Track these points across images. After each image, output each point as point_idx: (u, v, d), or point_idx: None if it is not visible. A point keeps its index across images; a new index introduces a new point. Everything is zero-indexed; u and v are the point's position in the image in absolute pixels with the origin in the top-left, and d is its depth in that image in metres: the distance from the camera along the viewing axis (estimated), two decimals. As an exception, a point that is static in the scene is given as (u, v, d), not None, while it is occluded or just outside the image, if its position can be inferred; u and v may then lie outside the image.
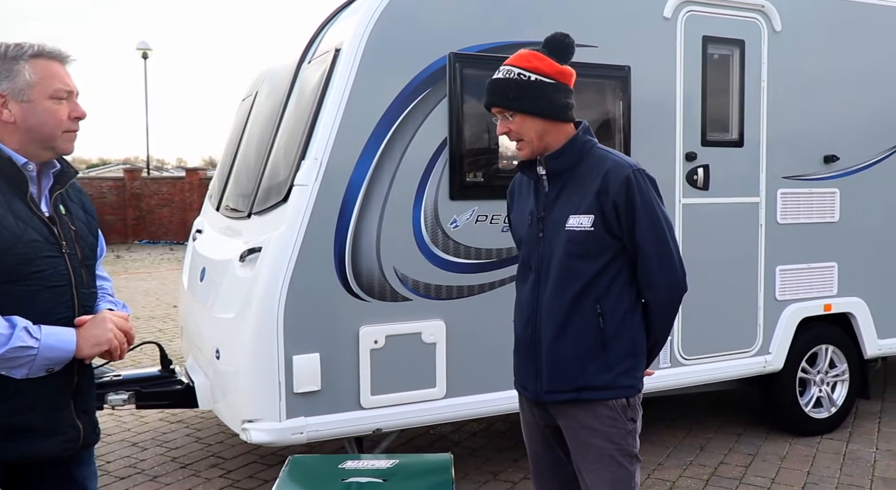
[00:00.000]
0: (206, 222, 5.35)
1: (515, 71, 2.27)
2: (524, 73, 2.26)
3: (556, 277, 2.27)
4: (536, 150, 2.30)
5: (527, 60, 2.28)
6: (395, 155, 3.66)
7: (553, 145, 2.30)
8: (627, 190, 2.21)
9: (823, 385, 4.94)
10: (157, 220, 21.67)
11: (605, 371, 2.24)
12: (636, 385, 2.28)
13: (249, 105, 5.13)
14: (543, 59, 2.28)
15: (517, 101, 2.25)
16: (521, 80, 2.25)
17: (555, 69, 2.28)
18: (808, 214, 4.78)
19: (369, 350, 3.66)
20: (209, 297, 4.25)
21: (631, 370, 2.26)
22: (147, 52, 24.40)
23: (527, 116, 2.26)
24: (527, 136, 2.28)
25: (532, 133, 2.28)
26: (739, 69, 4.53)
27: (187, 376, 4.38)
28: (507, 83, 2.26)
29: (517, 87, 2.25)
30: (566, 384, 2.26)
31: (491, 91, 2.31)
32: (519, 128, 2.28)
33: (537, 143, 2.29)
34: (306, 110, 3.79)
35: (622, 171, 2.23)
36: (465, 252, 3.84)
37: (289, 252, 3.53)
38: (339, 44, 3.74)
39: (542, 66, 2.27)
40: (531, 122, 2.27)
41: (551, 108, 2.26)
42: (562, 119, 2.29)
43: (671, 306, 2.30)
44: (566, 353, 2.26)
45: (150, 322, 9.45)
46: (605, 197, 2.22)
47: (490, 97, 2.31)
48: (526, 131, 2.28)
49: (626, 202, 2.21)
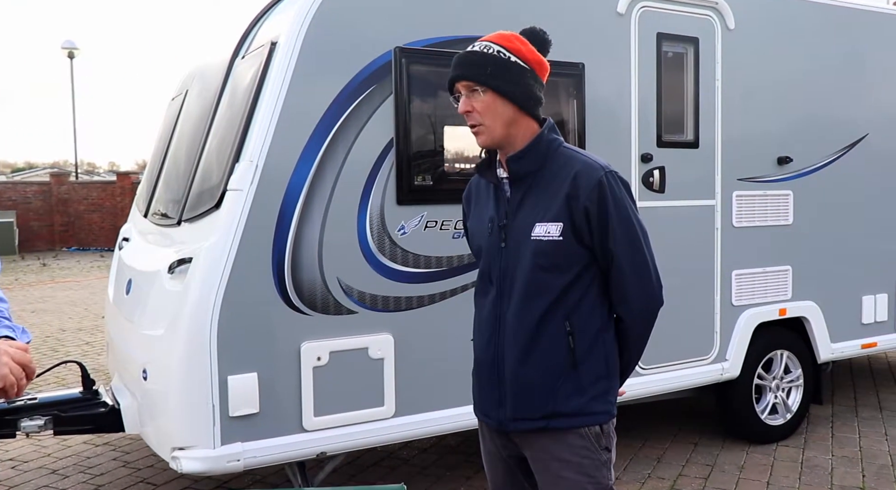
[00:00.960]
0: (133, 230, 4.99)
1: (495, 47, 2.03)
2: (504, 52, 2.03)
3: (521, 292, 2.04)
4: (497, 138, 2.06)
5: (508, 40, 2.06)
6: (337, 157, 3.40)
7: (515, 140, 2.07)
8: (600, 194, 2.00)
9: (779, 391, 4.85)
10: (87, 226, 20.82)
11: (576, 395, 2.02)
12: (610, 410, 2.06)
13: (179, 104, 4.80)
14: (526, 44, 2.07)
15: (493, 79, 2.01)
16: (500, 58, 2.02)
17: (536, 57, 2.07)
18: (762, 217, 4.68)
19: (312, 368, 3.38)
20: (136, 311, 3.91)
21: (604, 394, 2.05)
22: (73, 52, 23.45)
23: (498, 98, 2.02)
24: (490, 120, 2.04)
25: (498, 118, 2.04)
26: (694, 68, 4.40)
27: (113, 397, 4.03)
28: (485, 57, 2.02)
29: (496, 64, 2.01)
30: (533, 411, 2.03)
31: (463, 63, 2.04)
32: (485, 109, 2.03)
33: (500, 130, 2.05)
34: (240, 109, 3.50)
35: (593, 174, 2.01)
36: (413, 260, 3.60)
37: (222, 263, 3.23)
38: (275, 37, 3.46)
39: (524, 50, 2.05)
40: (501, 106, 2.03)
41: (526, 96, 2.04)
42: (531, 112, 2.07)
43: (647, 322, 2.10)
44: (533, 376, 2.03)
45: (77, 334, 8.94)
46: (574, 202, 2.00)
47: (461, 69, 2.04)
48: (492, 115, 2.03)
49: (599, 208, 1.99)
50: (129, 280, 4.21)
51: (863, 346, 5.13)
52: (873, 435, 4.94)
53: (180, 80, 5.11)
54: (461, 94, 2.06)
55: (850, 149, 5.04)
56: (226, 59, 4.02)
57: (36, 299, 11.85)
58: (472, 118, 2.06)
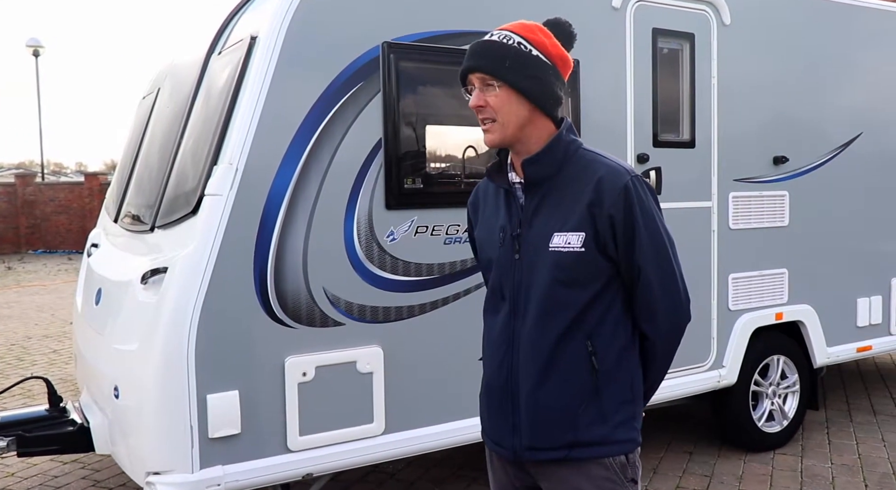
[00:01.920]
0: (102, 235, 4.74)
1: (516, 38, 1.84)
2: (525, 44, 1.84)
3: (538, 309, 1.86)
4: (508, 138, 1.87)
5: (531, 31, 1.86)
6: (322, 159, 3.19)
7: (529, 141, 1.88)
8: (626, 201, 1.81)
9: (776, 398, 4.72)
10: (54, 228, 20.28)
11: (599, 423, 1.84)
12: (636, 438, 1.88)
13: (150, 103, 4.55)
14: (550, 36, 1.88)
15: (511, 72, 1.81)
16: (520, 50, 1.83)
17: (559, 52, 1.88)
18: (758, 219, 4.55)
19: (297, 384, 3.17)
20: (106, 323, 3.67)
21: (629, 420, 1.87)
22: (38, 50, 22.85)
23: (514, 93, 1.83)
24: (504, 118, 1.85)
25: (513, 116, 1.85)
26: (690, 65, 4.24)
27: (81, 415, 3.79)
28: (504, 48, 1.83)
29: (515, 57, 1.82)
30: (553, 440, 1.84)
31: (479, 53, 1.85)
32: (500, 104, 1.84)
33: (513, 130, 1.86)
34: (217, 108, 3.28)
35: (619, 179, 1.83)
36: (403, 268, 3.40)
37: (200, 273, 3.01)
38: (254, 31, 3.24)
39: (547, 43, 1.86)
40: (517, 103, 1.84)
41: (546, 94, 1.85)
42: (549, 112, 1.88)
43: (674, 340, 1.93)
44: (552, 401, 1.85)
45: (43, 342, 8.61)
46: (598, 210, 1.82)
47: (477, 59, 1.84)
48: (507, 112, 1.84)
49: (625, 216, 1.81)
50: (99, 289, 3.97)
51: (858, 349, 5.02)
52: (871, 441, 4.83)
53: (151, 78, 4.87)
54: (474, 87, 1.87)
55: (844, 148, 4.93)
56: (200, 56, 3.79)
57: (0, 305, 11.45)
58: (483, 113, 1.87)
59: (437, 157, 3.53)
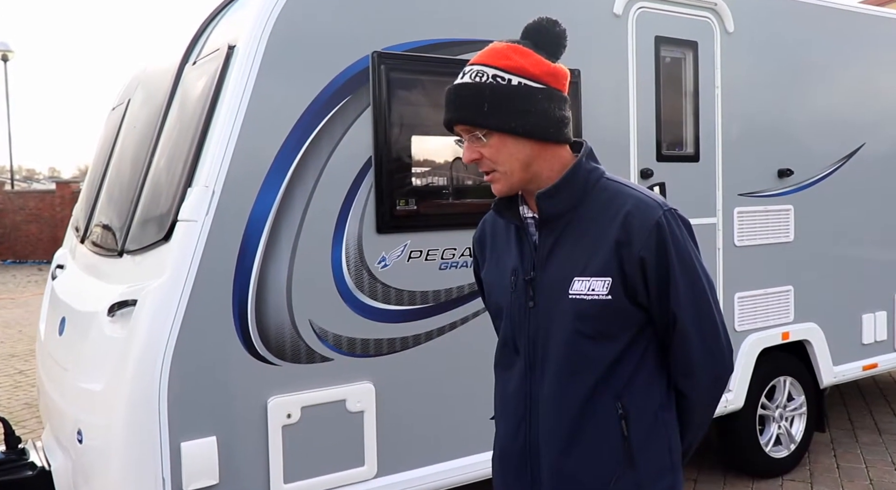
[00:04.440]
0: (69, 256, 4.43)
1: (490, 71, 1.59)
2: (502, 75, 1.58)
3: (559, 366, 1.61)
4: (518, 183, 1.64)
5: (505, 57, 1.60)
6: (307, 180, 2.92)
7: (541, 176, 1.64)
8: (659, 240, 1.57)
9: (783, 421, 4.52)
10: (24, 237, 19.75)
11: (636, 497, 1.59)
12: (680, 514, 1.65)
13: (120, 115, 4.25)
14: (529, 55, 1.62)
15: (494, 116, 1.57)
16: (498, 86, 1.58)
17: (545, 69, 1.62)
18: (764, 235, 4.34)
19: (281, 427, 2.90)
20: (69, 357, 3.37)
21: (670, 492, 1.63)
22: (7, 54, 22.27)
23: (507, 137, 1.59)
24: (506, 166, 1.62)
25: (514, 161, 1.61)
26: (693, 74, 4.03)
27: (44, 456, 3.49)
28: (478, 90, 1.58)
29: (494, 96, 1.57)
30: (583, 518, 1.60)
31: (454, 102, 1.61)
32: (495, 154, 1.61)
33: (520, 173, 1.62)
34: (192, 123, 3.00)
35: (650, 214, 1.59)
36: (396, 297, 3.14)
37: (173, 307, 2.72)
38: (232, 40, 2.97)
39: (527, 65, 1.60)
40: (513, 146, 1.60)
41: (542, 124, 1.60)
42: (556, 140, 1.63)
43: (715, 396, 1.69)
44: (579, 473, 1.60)
45: (8, 361, 8.23)
46: (626, 250, 1.57)
47: (454, 112, 1.62)
48: (505, 159, 1.61)
49: (658, 258, 1.57)
50: (63, 318, 3.66)
51: (864, 367, 4.84)
52: (881, 464, 4.64)
53: (122, 88, 4.57)
54: (464, 138, 1.63)
55: (847, 159, 4.74)
56: (174, 65, 3.51)
57: (-35, 320, 11.03)
58: (482, 166, 1.64)
59: (433, 176, 3.27)
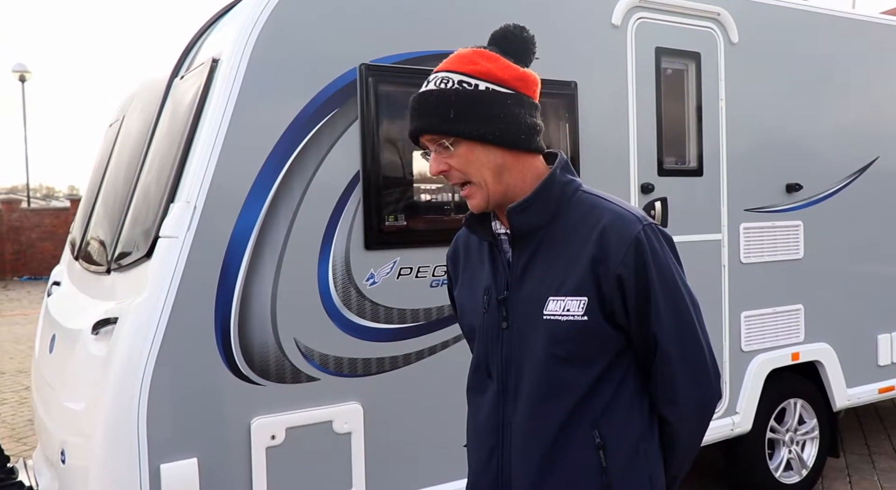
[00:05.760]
0: (64, 272, 4.40)
1: (455, 77, 1.51)
2: (468, 80, 1.50)
3: (532, 392, 1.51)
4: (493, 196, 1.55)
5: (471, 61, 1.52)
6: (293, 195, 2.85)
7: (516, 189, 1.55)
8: (637, 257, 1.48)
9: (793, 445, 4.36)
10: (39, 254, 19.88)
11: (613, 533, 1.49)
12: (660, 552, 1.54)
13: (116, 131, 4.22)
14: (496, 59, 1.53)
15: (460, 123, 1.49)
16: (464, 91, 1.49)
17: (513, 74, 1.53)
18: (772, 251, 4.21)
19: (265, 448, 2.81)
20: (57, 375, 3.31)
21: (650, 528, 1.52)
22: (25, 75, 22.57)
23: (476, 145, 1.51)
24: (477, 177, 1.53)
25: (485, 171, 1.52)
26: (696, 86, 3.93)
27: (33, 476, 3.42)
28: (444, 96, 1.50)
29: (459, 102, 1.49)
30: (555, 554, 1.50)
31: (419, 110, 1.53)
32: (464, 164, 1.52)
33: (494, 185, 1.53)
34: (177, 138, 2.94)
35: (628, 229, 1.50)
36: (385, 315, 3.05)
37: (153, 325, 2.65)
38: (217, 53, 2.91)
39: (494, 69, 1.52)
40: (483, 155, 1.51)
41: (512, 130, 1.51)
42: (527, 148, 1.55)
43: (700, 425, 1.58)
44: (554, 504, 1.50)
45: (16, 378, 8.20)
46: (603, 268, 1.48)
47: (418, 121, 1.53)
48: (476, 169, 1.52)
49: (637, 276, 1.48)
50: (53, 336, 3.61)
51: (880, 390, 4.67)
52: (897, 490, 4.48)
53: (119, 104, 4.54)
54: (430, 150, 1.55)
55: (860, 174, 4.61)
56: (164, 80, 3.46)
57: (-23, 337, 11.05)
58: (451, 178, 1.55)
59: (423, 191, 3.19)
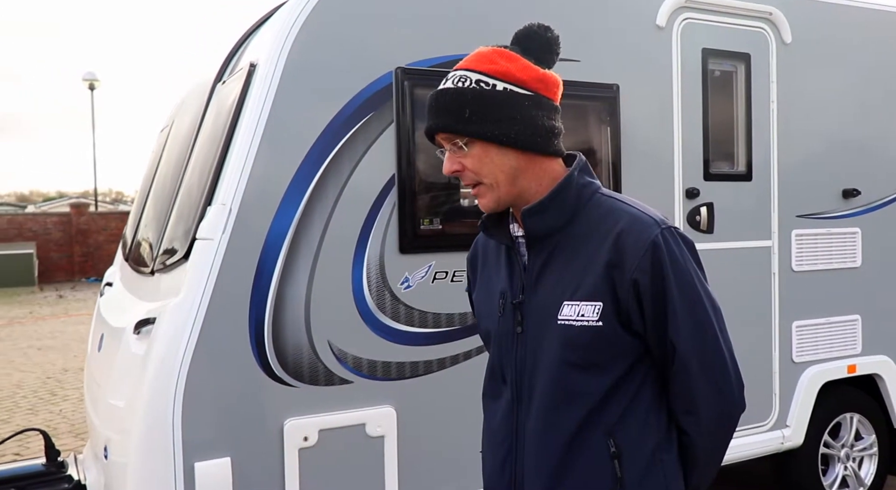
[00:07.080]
0: (117, 273, 4.51)
1: (473, 76, 1.49)
2: (486, 80, 1.48)
3: (546, 397, 1.48)
4: (505, 198, 1.52)
5: (490, 61, 1.50)
6: (328, 198, 2.86)
7: (529, 191, 1.52)
8: (654, 261, 1.43)
9: (849, 461, 4.20)
10: (106, 256, 20.54)
11: (626, 546, 1.44)
12: (675, 567, 1.48)
13: (166, 136, 4.33)
14: (516, 60, 1.51)
15: (475, 123, 1.47)
16: (481, 91, 1.47)
17: (533, 75, 1.50)
18: (826, 259, 4.06)
19: (297, 450, 2.83)
20: (104, 373, 3.40)
21: (666, 542, 1.47)
22: (94, 83, 23.42)
23: (490, 146, 1.48)
24: (490, 178, 1.50)
25: (499, 173, 1.50)
26: (745, 88, 3.82)
27: (82, 470, 3.52)
28: (461, 94, 1.48)
29: (476, 102, 1.47)
30: (566, 567, 1.46)
31: (435, 108, 1.51)
32: (477, 164, 1.50)
33: (507, 187, 1.51)
34: (216, 142, 2.99)
35: (645, 232, 1.45)
36: (420, 319, 3.04)
37: (188, 325, 2.69)
38: (255, 58, 2.95)
39: (514, 69, 1.49)
40: (498, 156, 1.49)
41: (528, 133, 1.48)
42: (544, 151, 1.52)
43: (723, 436, 1.52)
44: (565, 515, 1.46)
45: (78, 375, 8.48)
46: (618, 272, 1.44)
47: (434, 117, 1.52)
48: (489, 170, 1.50)
49: (654, 281, 1.43)
50: (102, 335, 3.71)
51: (943, 405, 4.46)
52: (960, 511, 4.26)
53: (170, 110, 4.65)
54: (445, 148, 1.53)
55: (922, 179, 4.41)
56: (208, 86, 3.53)
57: (45, 334, 11.45)
58: (464, 178, 1.53)
59: (458, 194, 3.17)
